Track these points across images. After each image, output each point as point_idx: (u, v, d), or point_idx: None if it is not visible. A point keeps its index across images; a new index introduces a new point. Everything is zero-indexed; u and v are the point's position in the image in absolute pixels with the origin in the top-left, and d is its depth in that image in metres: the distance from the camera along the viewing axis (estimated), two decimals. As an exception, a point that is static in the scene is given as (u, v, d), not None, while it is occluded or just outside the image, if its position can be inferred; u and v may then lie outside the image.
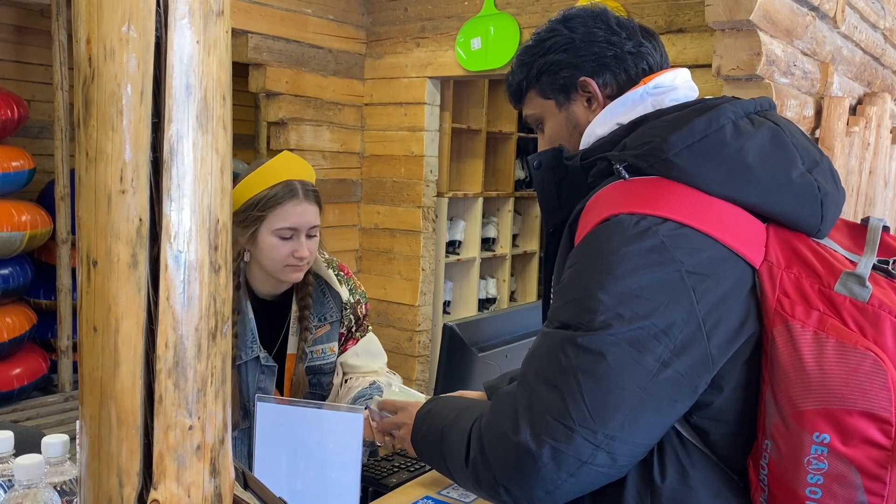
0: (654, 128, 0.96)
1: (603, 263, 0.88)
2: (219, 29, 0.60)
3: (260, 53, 3.25)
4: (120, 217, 0.57)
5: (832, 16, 2.49)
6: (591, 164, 1.02)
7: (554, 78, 1.11)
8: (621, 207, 0.91)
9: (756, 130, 0.93)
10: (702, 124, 0.91)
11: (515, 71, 1.17)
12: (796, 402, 0.83)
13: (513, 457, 0.89)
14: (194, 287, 0.59)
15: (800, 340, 0.83)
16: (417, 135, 3.59)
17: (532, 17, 3.21)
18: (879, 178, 3.14)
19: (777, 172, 0.91)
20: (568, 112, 1.12)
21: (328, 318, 1.74)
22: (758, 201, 0.91)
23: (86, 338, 0.60)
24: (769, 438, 0.87)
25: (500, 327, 1.90)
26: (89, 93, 0.57)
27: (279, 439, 1.42)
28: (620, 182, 0.95)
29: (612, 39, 1.09)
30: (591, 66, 1.09)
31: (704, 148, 0.90)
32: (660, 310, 0.86)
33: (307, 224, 1.62)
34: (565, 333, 0.89)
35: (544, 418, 0.87)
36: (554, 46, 1.11)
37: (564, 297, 0.93)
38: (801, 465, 0.83)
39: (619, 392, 0.85)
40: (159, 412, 0.59)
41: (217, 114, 0.60)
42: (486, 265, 4.63)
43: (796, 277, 0.87)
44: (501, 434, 0.91)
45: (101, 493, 0.60)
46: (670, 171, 0.91)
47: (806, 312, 0.84)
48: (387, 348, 3.66)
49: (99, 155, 0.57)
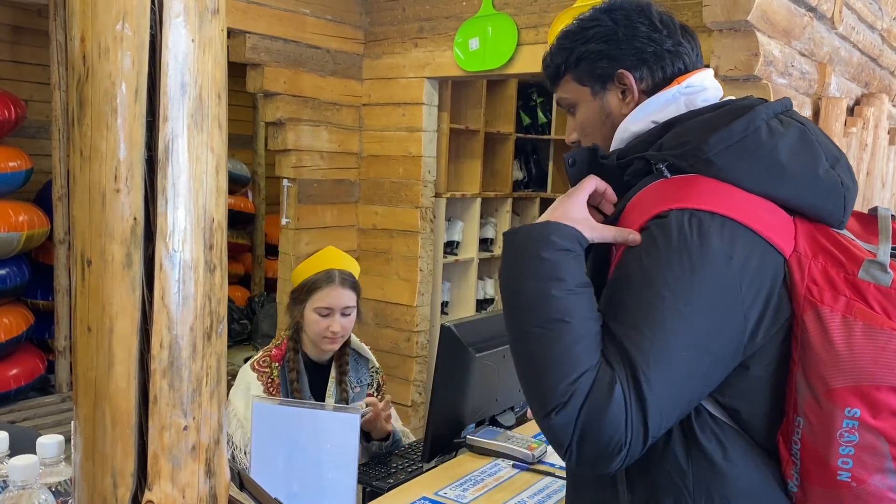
0: (692, 128, 1.01)
1: (664, 260, 0.92)
2: (214, 27, 0.60)
3: (258, 53, 3.25)
4: (114, 216, 0.57)
5: (830, 16, 2.49)
6: (628, 163, 1.05)
7: (592, 66, 1.13)
8: (672, 204, 0.96)
9: (786, 130, 0.99)
10: (740, 126, 0.97)
11: (555, 53, 1.18)
12: (828, 380, 0.89)
13: (602, 397, 0.88)
14: (189, 287, 0.59)
15: (829, 324, 0.90)
16: (415, 135, 3.59)
17: (530, 17, 3.21)
18: (877, 179, 3.14)
19: (805, 169, 0.98)
20: (602, 101, 1.14)
21: (362, 382, 2.15)
22: (789, 196, 0.98)
23: (80, 338, 0.60)
24: (801, 415, 0.93)
25: (498, 328, 1.90)
26: (83, 91, 0.57)
27: (276, 440, 1.42)
28: (662, 181, 1.00)
29: (654, 36, 1.11)
30: (630, 59, 1.11)
31: (742, 148, 0.97)
32: (716, 307, 0.91)
33: (341, 305, 2.00)
34: (626, 332, 0.92)
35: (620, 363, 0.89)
36: (596, 35, 1.12)
37: (624, 294, 0.95)
38: (834, 438, 0.89)
39: (679, 383, 0.91)
40: (154, 412, 0.59)
41: (212, 112, 0.60)
42: (485, 266, 4.62)
43: (823, 266, 0.93)
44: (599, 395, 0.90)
45: (96, 494, 0.60)
46: (710, 169, 0.97)
47: (834, 298, 0.91)
48: (384, 349, 3.68)
49: (93, 154, 0.57)
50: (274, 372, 2.00)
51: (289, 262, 3.50)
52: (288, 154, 3.48)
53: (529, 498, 1.54)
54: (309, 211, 3.56)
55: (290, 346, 2.04)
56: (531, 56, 3.20)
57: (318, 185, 3.60)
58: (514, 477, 1.65)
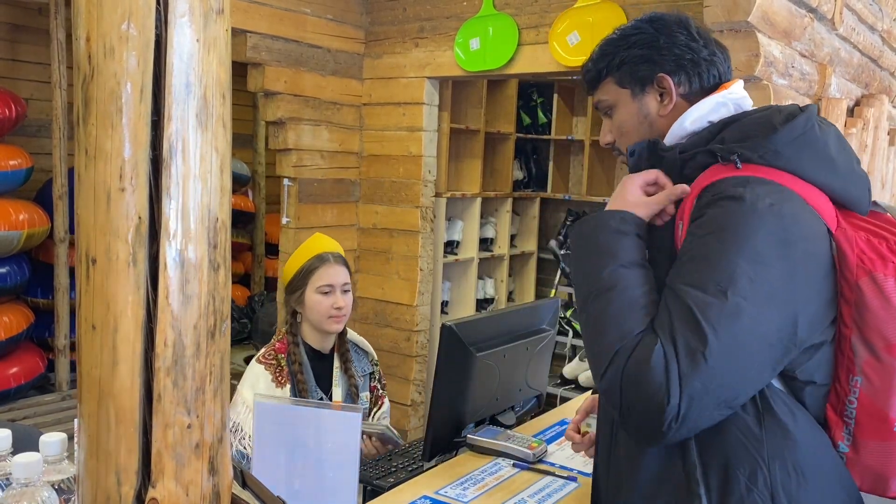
0: (752, 125, 1.10)
1: (735, 235, 1.00)
2: (219, 27, 0.60)
3: (259, 53, 3.25)
4: (119, 215, 0.57)
5: (830, 17, 2.50)
6: (691, 156, 1.12)
7: (634, 69, 1.21)
8: (726, 174, 1.05)
9: (828, 130, 1.11)
10: (802, 121, 1.08)
11: (596, 59, 1.26)
12: (888, 336, 1.01)
13: (649, 396, 0.96)
14: (193, 285, 0.59)
15: (885, 286, 1.01)
16: (416, 135, 3.59)
17: (531, 17, 3.22)
18: (877, 179, 3.15)
19: (848, 164, 1.11)
20: (641, 103, 1.22)
21: (365, 372, 2.20)
22: (837, 186, 1.09)
23: (84, 336, 0.60)
24: (860, 375, 1.03)
25: (499, 327, 1.90)
26: (89, 91, 0.57)
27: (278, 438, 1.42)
28: (731, 168, 1.07)
29: (692, 45, 1.20)
30: (670, 65, 1.19)
31: (804, 141, 1.07)
32: (783, 277, 0.99)
33: (340, 282, 2.07)
34: (699, 297, 0.98)
35: (680, 339, 0.96)
36: (638, 42, 1.21)
37: (694, 263, 1.02)
38: (894, 390, 1.01)
39: (758, 349, 0.98)
40: (158, 410, 0.59)
41: (217, 112, 0.60)
42: (484, 265, 4.63)
43: (867, 238, 1.05)
44: (646, 375, 0.96)
45: (100, 492, 0.60)
46: (778, 160, 1.06)
47: (884, 265, 1.02)
48: (384, 348, 3.68)
49: (98, 153, 0.57)
50: (281, 362, 2.02)
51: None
52: (288, 153, 3.48)
53: (530, 497, 1.54)
54: (309, 210, 3.57)
55: (289, 340, 2.06)
56: (531, 56, 3.20)
57: (318, 185, 3.60)
58: (514, 476, 1.65)
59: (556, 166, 5.23)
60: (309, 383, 2.05)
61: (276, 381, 1.99)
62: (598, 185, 4.93)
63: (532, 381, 2.02)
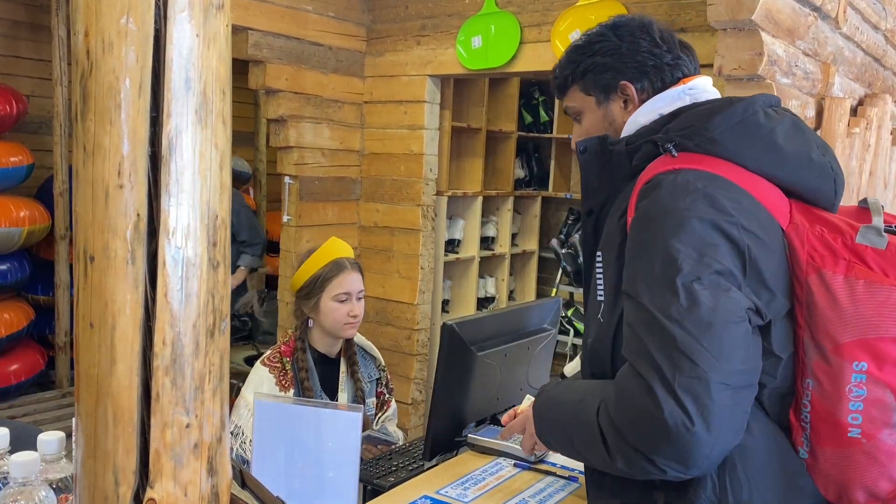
0: (695, 114, 1.09)
1: (667, 221, 0.98)
2: (219, 22, 0.59)
3: (260, 50, 3.24)
4: (118, 212, 0.57)
5: (834, 16, 2.49)
6: (636, 148, 1.12)
7: (597, 78, 1.23)
8: (675, 165, 1.04)
9: (780, 118, 1.09)
10: (740, 108, 1.06)
11: (563, 66, 1.28)
12: (836, 337, 0.96)
13: (663, 432, 0.91)
14: (192, 284, 0.59)
15: (833, 284, 0.97)
16: (417, 133, 3.58)
17: (533, 15, 3.20)
18: (879, 179, 3.14)
19: (800, 152, 1.07)
20: (606, 110, 1.24)
21: (371, 377, 2.19)
22: (785, 176, 1.06)
23: (82, 334, 0.59)
24: (810, 377, 0.99)
25: (500, 326, 1.89)
26: (87, 86, 0.56)
27: (277, 438, 1.41)
28: (667, 157, 1.06)
29: (654, 51, 1.20)
30: (633, 72, 1.20)
31: (743, 128, 1.05)
32: (727, 255, 0.97)
33: (356, 289, 2.08)
34: (654, 294, 0.96)
35: (677, 381, 0.91)
36: (601, 50, 1.22)
37: (639, 260, 1.00)
38: (843, 394, 0.95)
39: (729, 325, 0.93)
40: (156, 410, 0.58)
41: (216, 108, 0.60)
42: (485, 264, 4.62)
43: (820, 233, 1.01)
44: (643, 414, 0.93)
45: (97, 492, 0.59)
46: (715, 148, 1.04)
47: (834, 261, 0.98)
48: (385, 346, 3.67)
49: (97, 149, 0.57)
50: (286, 366, 2.01)
51: (290, 260, 3.49)
52: (290, 151, 3.48)
53: (531, 497, 1.54)
54: (310, 208, 3.56)
55: (297, 346, 2.05)
56: (533, 54, 3.19)
57: (319, 183, 3.59)
58: (515, 476, 1.65)
59: (557, 165, 5.22)
60: (314, 389, 2.04)
61: (280, 384, 1.99)
62: (600, 184, 4.91)
63: (533, 380, 2.02)
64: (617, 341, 1.09)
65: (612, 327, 1.10)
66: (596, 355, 1.15)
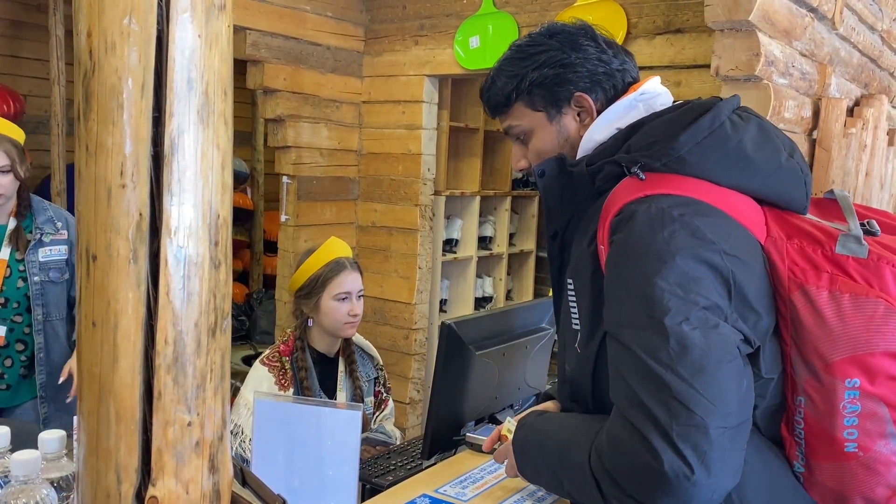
0: (658, 128, 1.03)
1: (647, 258, 0.93)
2: (220, 23, 0.60)
3: (258, 50, 3.24)
4: (120, 211, 0.57)
5: (831, 17, 2.50)
6: (598, 169, 1.06)
7: (548, 92, 1.14)
8: (648, 191, 0.98)
9: (746, 124, 1.03)
10: (707, 122, 1.00)
11: (501, 82, 1.17)
12: (825, 355, 0.93)
13: (663, 483, 0.88)
14: (194, 283, 0.59)
15: (818, 301, 0.93)
16: (415, 133, 3.59)
17: (531, 15, 3.21)
18: (876, 179, 3.15)
19: (770, 159, 1.02)
20: (559, 125, 1.16)
21: (369, 377, 2.20)
22: (757, 187, 1.02)
23: (85, 333, 0.59)
24: (802, 395, 0.96)
25: (498, 326, 1.90)
26: (90, 86, 0.57)
27: (277, 436, 1.42)
28: (634, 180, 1.00)
29: (602, 57, 1.14)
30: (585, 82, 1.13)
31: (711, 143, 0.99)
32: (713, 287, 0.92)
33: (357, 289, 2.10)
34: (641, 337, 0.91)
35: (675, 431, 0.88)
36: (548, 61, 1.13)
37: (622, 301, 0.95)
38: (837, 411, 0.92)
39: (722, 366, 0.90)
40: (158, 408, 0.59)
41: (218, 108, 0.60)
42: (483, 264, 4.62)
43: (799, 246, 0.97)
44: (640, 467, 0.90)
45: (99, 490, 0.60)
46: (683, 166, 0.99)
47: (817, 276, 0.94)
48: (383, 346, 3.67)
49: (99, 149, 0.57)
50: (285, 365, 2.02)
51: (288, 259, 3.49)
52: (287, 151, 3.48)
53: (529, 496, 1.54)
54: (308, 208, 3.56)
55: (297, 345, 2.05)
56: (532, 54, 3.20)
57: (317, 182, 3.60)
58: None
59: (555, 165, 5.22)
60: (313, 388, 2.04)
61: (280, 384, 1.99)
62: (598, 184, 4.92)
63: (531, 379, 2.02)
64: (597, 375, 1.05)
65: (591, 360, 1.05)
66: (576, 385, 1.11)
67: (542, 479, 1.14)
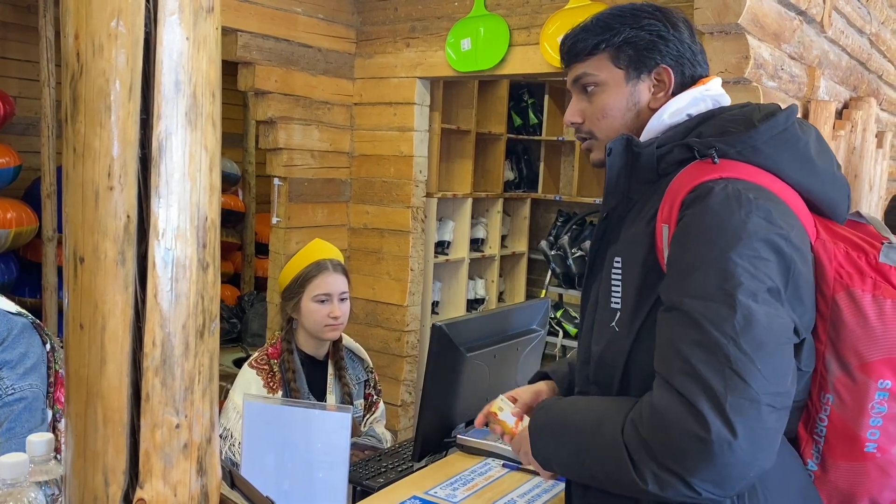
0: (733, 119, 1.07)
1: (723, 233, 0.95)
2: (209, 25, 0.60)
3: (249, 52, 3.24)
4: (107, 214, 0.57)
5: (819, 20, 2.51)
6: (667, 150, 1.08)
7: (637, 53, 1.15)
8: (721, 174, 1.00)
9: (809, 130, 1.09)
10: (782, 118, 1.04)
11: (592, 28, 1.18)
12: (863, 354, 0.97)
13: (705, 453, 0.88)
14: (182, 285, 0.59)
15: (862, 303, 0.98)
16: (407, 135, 3.59)
17: (522, 18, 3.22)
18: (864, 182, 3.17)
19: (827, 167, 1.08)
20: (634, 89, 1.16)
21: (359, 379, 2.18)
22: (816, 190, 1.06)
23: (72, 335, 0.59)
24: (831, 392, 1.00)
25: (489, 327, 1.90)
26: (77, 88, 0.57)
27: (267, 439, 1.41)
28: (704, 164, 1.02)
29: (692, 45, 1.19)
30: (672, 58, 1.16)
31: (784, 139, 1.04)
32: (777, 271, 0.95)
33: (338, 290, 2.04)
34: (709, 308, 0.92)
35: (728, 401, 0.88)
36: (648, 26, 1.16)
37: (690, 272, 0.96)
38: (865, 410, 0.97)
39: (781, 347, 0.92)
40: (146, 410, 0.58)
41: (206, 111, 0.60)
42: (475, 266, 4.63)
43: (845, 251, 1.02)
44: (685, 435, 0.89)
45: (87, 492, 0.59)
46: (756, 156, 1.03)
47: (862, 280, 0.99)
48: (375, 348, 3.67)
49: (87, 151, 0.57)
50: (274, 368, 2.01)
51: (279, 262, 3.49)
52: (279, 153, 3.47)
53: (519, 497, 1.54)
54: (299, 210, 3.56)
55: (284, 347, 2.04)
56: (522, 57, 3.21)
57: (308, 184, 3.59)
58: (504, 476, 1.65)
59: (546, 167, 5.24)
60: (302, 391, 2.03)
61: (269, 386, 1.98)
62: (589, 186, 4.94)
63: (522, 381, 2.02)
64: (635, 353, 1.04)
65: (630, 338, 1.05)
66: (604, 364, 1.10)
67: (559, 460, 1.11)
